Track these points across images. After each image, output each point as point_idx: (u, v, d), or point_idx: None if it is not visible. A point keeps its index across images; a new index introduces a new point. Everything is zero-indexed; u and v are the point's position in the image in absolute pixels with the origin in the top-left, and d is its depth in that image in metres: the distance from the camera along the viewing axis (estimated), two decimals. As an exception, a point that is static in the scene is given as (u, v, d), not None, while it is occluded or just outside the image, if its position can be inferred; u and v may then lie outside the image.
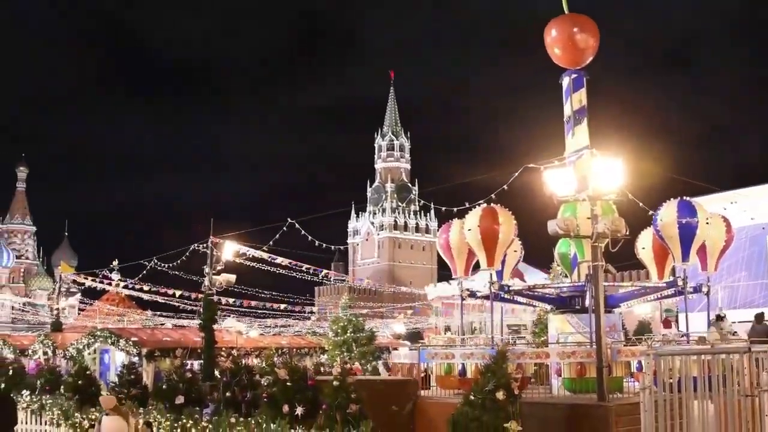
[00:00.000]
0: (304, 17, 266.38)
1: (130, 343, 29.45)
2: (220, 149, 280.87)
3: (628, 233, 17.81)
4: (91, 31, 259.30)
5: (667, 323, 29.02)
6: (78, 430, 21.67)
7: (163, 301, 44.35)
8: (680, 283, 21.59)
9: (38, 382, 29.60)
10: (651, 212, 21.90)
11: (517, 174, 21.15)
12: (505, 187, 21.81)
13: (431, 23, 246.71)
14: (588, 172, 17.29)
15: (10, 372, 32.48)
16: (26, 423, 28.08)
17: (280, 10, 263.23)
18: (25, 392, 29.03)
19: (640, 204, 21.95)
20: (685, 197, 21.58)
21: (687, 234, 20.85)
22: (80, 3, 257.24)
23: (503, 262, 22.83)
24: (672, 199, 21.40)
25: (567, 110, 22.26)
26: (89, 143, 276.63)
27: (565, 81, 22.32)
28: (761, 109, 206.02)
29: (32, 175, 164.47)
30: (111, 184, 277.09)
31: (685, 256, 21.09)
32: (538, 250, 30.63)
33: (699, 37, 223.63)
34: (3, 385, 24.84)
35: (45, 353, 35.48)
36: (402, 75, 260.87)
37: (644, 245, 23.25)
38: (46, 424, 26.86)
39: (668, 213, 21.08)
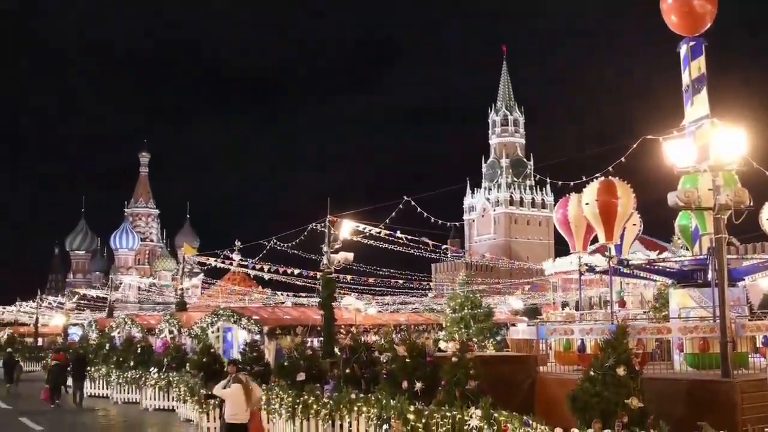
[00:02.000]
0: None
1: (252, 321, 30.03)
2: (333, 145, 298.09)
3: (751, 204, 17.21)
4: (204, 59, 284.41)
5: None
6: (203, 405, 22.25)
7: (283, 280, 44.94)
8: (808, 254, 20.88)
9: (165, 359, 30.66)
10: (776, 181, 21.22)
11: (635, 146, 20.75)
12: (623, 159, 21.41)
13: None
14: (709, 142, 16.85)
15: (139, 350, 33.75)
16: (155, 399, 29.13)
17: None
18: (153, 369, 30.10)
19: (766, 173, 21.25)
20: (812, 165, 20.84)
21: (815, 204, 20.18)
22: (201, 43, 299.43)
23: (622, 236, 22.49)
24: (799, 167, 20.70)
25: (685, 79, 21.74)
26: (211, 138, 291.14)
27: (683, 49, 21.79)
28: None
29: (156, 163, 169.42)
30: (229, 173, 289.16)
31: (813, 226, 20.43)
32: (658, 223, 30.08)
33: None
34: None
35: (171, 332, 36.49)
36: (516, 48, 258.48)
37: (769, 216, 22.61)
38: (173, 399, 27.83)
39: (795, 182, 20.43)
